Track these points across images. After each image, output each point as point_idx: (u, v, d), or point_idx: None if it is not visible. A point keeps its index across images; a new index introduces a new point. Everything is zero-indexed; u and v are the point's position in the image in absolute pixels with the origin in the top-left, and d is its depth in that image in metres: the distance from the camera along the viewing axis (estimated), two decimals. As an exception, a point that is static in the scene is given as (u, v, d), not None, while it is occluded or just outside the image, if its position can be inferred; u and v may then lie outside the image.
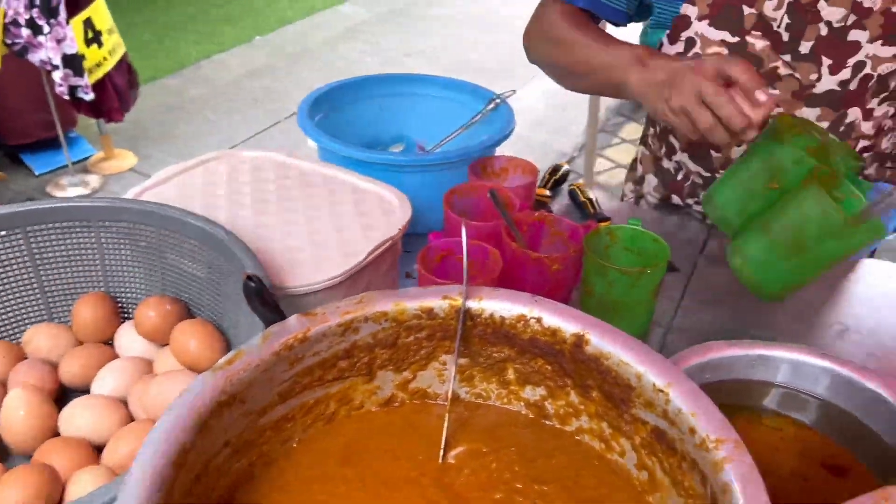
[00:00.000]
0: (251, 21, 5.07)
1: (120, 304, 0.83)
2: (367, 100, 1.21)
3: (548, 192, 1.18)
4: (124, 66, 2.90)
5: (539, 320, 0.62)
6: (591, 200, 1.14)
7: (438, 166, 1.01)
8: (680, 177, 1.13)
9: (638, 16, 1.04)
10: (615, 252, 0.88)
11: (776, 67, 0.93)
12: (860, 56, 0.90)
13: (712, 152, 1.04)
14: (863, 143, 0.99)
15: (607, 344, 0.59)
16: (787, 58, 0.92)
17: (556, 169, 1.22)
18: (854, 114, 0.96)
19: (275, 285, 0.75)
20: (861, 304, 0.95)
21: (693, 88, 0.74)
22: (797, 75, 0.93)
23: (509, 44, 4.98)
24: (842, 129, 0.97)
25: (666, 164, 1.15)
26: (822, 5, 0.88)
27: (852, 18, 0.88)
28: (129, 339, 0.79)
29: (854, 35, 0.89)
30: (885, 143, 1.01)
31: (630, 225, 0.88)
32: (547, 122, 4.02)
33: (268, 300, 0.58)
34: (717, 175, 1.06)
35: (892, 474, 0.63)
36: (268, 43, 4.80)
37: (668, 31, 0.97)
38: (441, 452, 0.62)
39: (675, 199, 1.16)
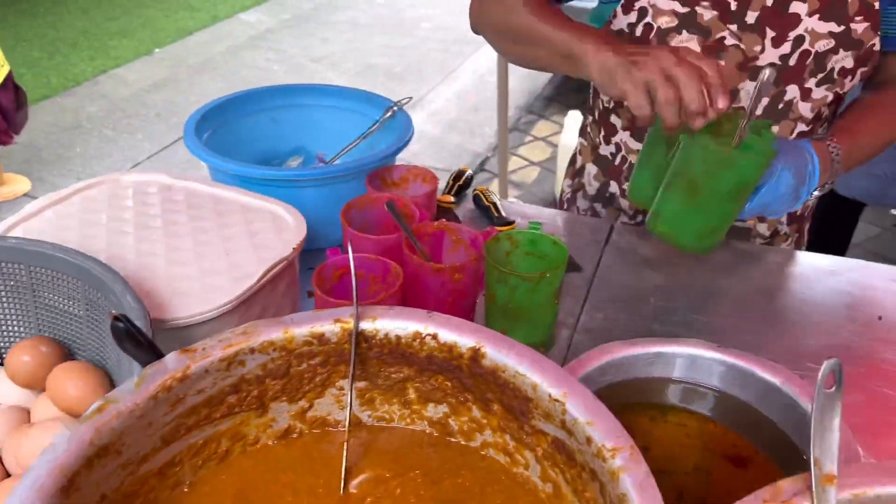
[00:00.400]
0: (149, 33, 4.89)
1: (-9, 350, 0.76)
2: (260, 113, 1.17)
3: (452, 199, 1.16)
4: (10, 85, 2.74)
5: (435, 336, 0.61)
6: (494, 204, 1.13)
7: (335, 179, 0.98)
8: (618, 161, 1.15)
9: None
10: (516, 257, 0.87)
11: (723, 37, 0.96)
12: (800, 30, 0.94)
13: None
14: (800, 128, 1.02)
15: (503, 356, 0.58)
16: (734, 27, 0.95)
17: (459, 174, 1.21)
18: (792, 91, 0.99)
19: (160, 318, 0.71)
20: (754, 292, 0.98)
21: (663, 64, 0.74)
22: (742, 46, 0.96)
23: (416, 47, 4.99)
24: (780, 106, 1.00)
25: (604, 150, 1.17)
26: None
27: None
28: (2, 388, 0.73)
29: (795, 7, 0.93)
30: (820, 131, 1.05)
31: (530, 229, 0.88)
32: (459, 124, 4.04)
33: (141, 340, 0.54)
34: None
35: (791, 462, 0.65)
36: (168, 55, 4.63)
37: (621, 2, 0.99)
38: (342, 482, 0.60)
39: (613, 185, 1.17)
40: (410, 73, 4.59)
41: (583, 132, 1.27)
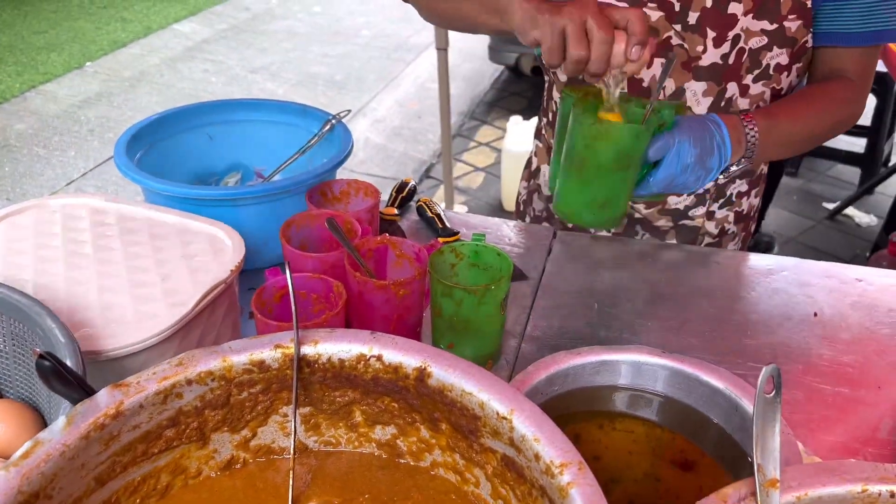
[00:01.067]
0: (79, 46, 4.74)
1: (-89, 391, 0.72)
2: (194, 130, 1.14)
3: (396, 211, 1.15)
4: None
5: (379, 358, 0.60)
6: (438, 216, 1.13)
7: (274, 196, 0.96)
8: None
9: None
10: (461, 269, 0.87)
11: (669, 37, 1.00)
12: (737, 29, 0.98)
13: None
14: None
15: (449, 375, 0.57)
16: (678, 27, 0.99)
17: (402, 186, 1.20)
18: (732, 88, 1.02)
19: (92, 351, 0.68)
20: (695, 294, 1.00)
21: (584, 15, 0.74)
22: (686, 46, 0.99)
23: (356, 55, 4.96)
24: (722, 103, 1.03)
25: None
26: None
27: None
28: (-78, 431, 0.69)
29: (732, 8, 0.97)
30: None
31: (473, 240, 0.88)
32: (403, 131, 4.03)
33: (69, 378, 0.52)
34: None
35: (737, 464, 0.66)
36: (101, 68, 4.50)
37: None
38: (289, 512, 0.58)
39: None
40: (351, 81, 4.57)
41: (538, 134, 1.28)
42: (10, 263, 0.80)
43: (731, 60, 1.00)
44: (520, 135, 3.09)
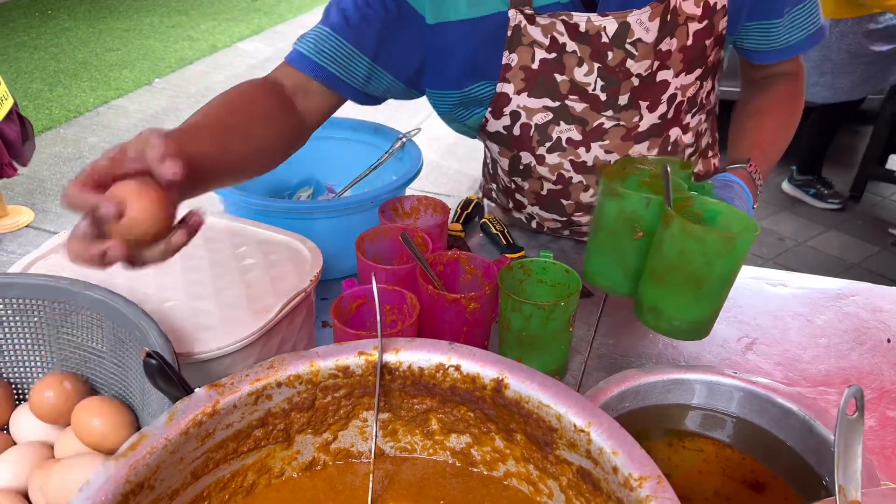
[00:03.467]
0: (149, 64, 4.94)
1: (13, 386, 0.77)
2: (271, 146, 1.19)
3: (461, 227, 1.18)
4: (14, 117, 2.76)
5: (458, 368, 0.62)
6: (502, 232, 1.15)
7: (348, 211, 1.00)
8: (534, 225, 1.15)
9: (380, 97, 1.01)
10: (530, 285, 0.89)
11: (601, 123, 0.96)
12: (671, 90, 0.95)
13: (562, 200, 1.06)
14: (688, 151, 1.06)
15: (526, 387, 0.59)
16: (609, 113, 0.95)
17: (467, 203, 1.23)
18: (675, 133, 1.01)
19: (182, 353, 0.72)
20: (763, 316, 0.99)
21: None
22: (622, 123, 0.96)
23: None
24: (669, 148, 1.02)
25: (517, 214, 1.17)
26: (629, 63, 0.91)
27: (657, 64, 0.92)
28: (25, 423, 0.74)
29: (661, 76, 0.93)
30: (703, 142, 1.09)
31: (541, 257, 0.89)
32: (457, 149, 4.07)
33: (171, 376, 0.55)
34: (573, 218, 1.09)
35: (808, 486, 0.65)
36: (168, 85, 4.68)
37: (489, 110, 0.98)
38: (368, 514, 0.61)
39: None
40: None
41: (487, 195, 1.26)
42: (105, 270, 0.84)
43: (670, 115, 0.98)
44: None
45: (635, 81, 0.92)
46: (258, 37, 5.62)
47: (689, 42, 0.91)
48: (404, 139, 1.14)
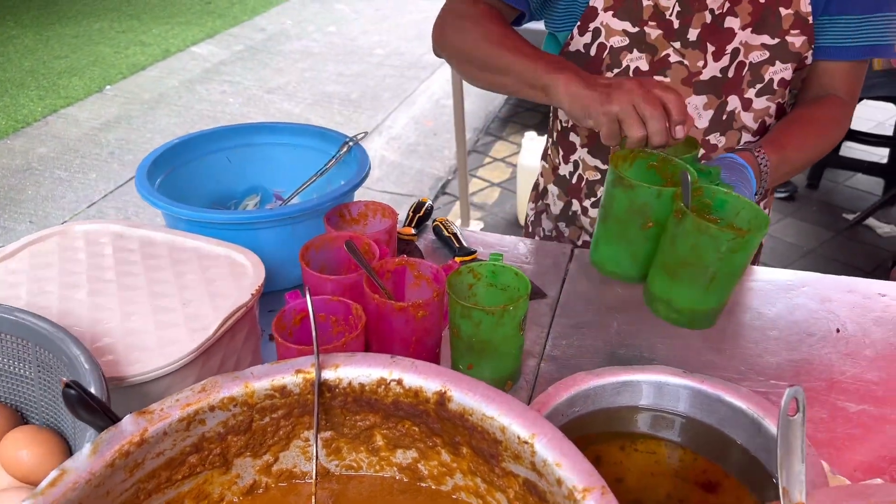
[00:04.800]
0: (99, 70, 4.82)
1: (-61, 418, 0.73)
2: (214, 154, 1.16)
3: (413, 231, 1.16)
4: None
5: (400, 382, 0.60)
6: (455, 235, 1.13)
7: (293, 219, 0.97)
8: (575, 180, 1.18)
9: (538, 13, 1.09)
10: (479, 290, 0.87)
11: (668, 55, 1.01)
12: (735, 43, 0.99)
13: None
14: (746, 137, 1.06)
15: (469, 399, 0.57)
16: (677, 45, 1.00)
17: (419, 206, 1.21)
18: (734, 102, 1.03)
19: (116, 377, 0.69)
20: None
21: (632, 98, 0.78)
22: (686, 62, 1.01)
23: (371, 74, 5.01)
24: (724, 117, 1.04)
25: (563, 170, 1.20)
26: None
27: (727, 6, 0.97)
28: (-50, 458, 0.70)
29: (729, 22, 0.98)
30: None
31: (491, 260, 0.88)
32: (418, 148, 4.05)
33: (95, 406, 0.52)
34: None
35: (760, 484, 0.65)
36: (120, 91, 4.57)
37: (577, 24, 1.04)
38: (311, 538, 0.59)
39: (575, 203, 1.19)
40: (366, 99, 4.60)
41: (544, 156, 1.29)
42: (34, 290, 0.81)
43: (730, 73, 1.01)
44: (535, 150, 3.09)
45: (707, 17, 0.98)
46: (212, 40, 5.52)
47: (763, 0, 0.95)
48: (351, 143, 1.12)
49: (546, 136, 1.28)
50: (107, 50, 5.19)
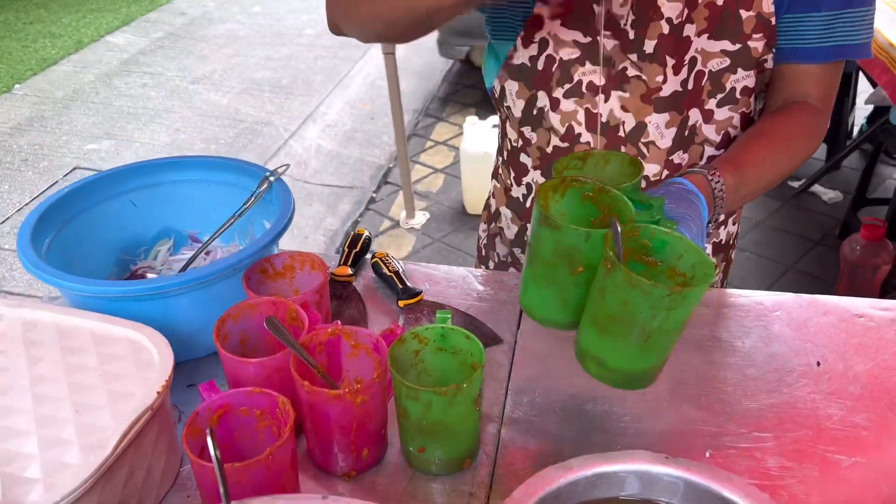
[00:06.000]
0: (6, 67, 4.48)
1: None
2: (115, 198, 1.01)
3: (350, 271, 1.04)
4: None
5: (335, 531, 0.49)
6: (396, 273, 1.02)
7: (208, 282, 0.84)
8: (529, 203, 1.08)
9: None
10: (427, 355, 0.76)
11: (625, 68, 0.91)
12: (692, 52, 0.89)
13: None
14: (709, 151, 0.96)
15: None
16: (634, 57, 0.90)
17: (355, 239, 1.09)
18: (695, 115, 0.93)
19: (-12, 527, 0.56)
20: (686, 347, 0.91)
21: None
22: (644, 77, 0.91)
23: (301, 56, 4.79)
24: (686, 133, 0.94)
25: (515, 192, 1.10)
26: (661, 1, 0.87)
27: (686, 13, 0.87)
28: None
29: (686, 30, 0.88)
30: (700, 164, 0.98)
31: (438, 321, 0.77)
32: (356, 135, 3.89)
33: None
34: None
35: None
36: (31, 90, 4.26)
37: (520, 35, 0.95)
38: None
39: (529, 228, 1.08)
40: (298, 84, 4.40)
41: (494, 174, 1.19)
42: None
43: (690, 85, 0.91)
44: (477, 135, 2.98)
45: (664, 27, 0.87)
46: (128, 28, 5.20)
47: (721, 2, 0.86)
48: (272, 178, 0.99)
49: (496, 154, 1.17)
50: (13, 44, 4.84)
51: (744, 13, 0.87)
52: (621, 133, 0.94)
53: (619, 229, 0.64)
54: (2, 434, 0.65)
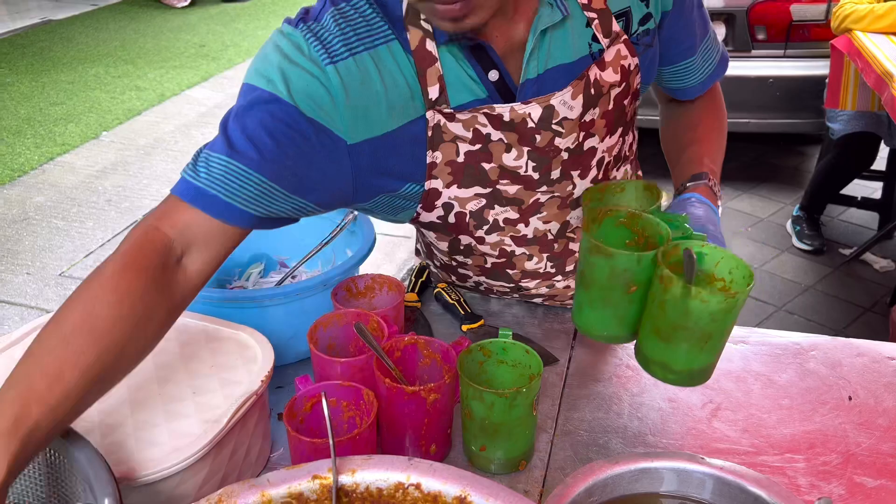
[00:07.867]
0: (96, 116, 4.84)
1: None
2: (218, 225, 1.15)
3: (417, 298, 1.16)
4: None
5: (418, 486, 0.59)
6: (458, 301, 1.13)
7: (299, 295, 0.97)
8: (483, 289, 1.11)
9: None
10: (490, 367, 0.87)
11: (537, 199, 0.94)
12: (598, 155, 0.94)
13: (507, 270, 1.03)
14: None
15: (490, 504, 0.57)
16: (543, 188, 0.93)
17: (421, 270, 1.20)
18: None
19: (128, 476, 0.68)
20: (726, 377, 0.99)
21: None
22: (557, 194, 0.95)
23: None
24: (600, 176, 0.99)
25: (462, 285, 1.13)
26: (557, 141, 0.89)
27: (583, 135, 0.91)
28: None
29: (588, 144, 0.92)
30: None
31: (500, 336, 0.88)
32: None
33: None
34: (521, 284, 1.05)
35: (782, 576, 0.64)
36: (117, 137, 4.59)
37: (420, 205, 0.92)
38: None
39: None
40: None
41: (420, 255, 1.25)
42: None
43: (600, 176, 0.97)
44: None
45: (565, 155, 0.91)
46: (206, 83, 5.56)
47: (611, 107, 0.91)
48: (355, 212, 1.12)
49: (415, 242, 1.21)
50: (102, 95, 5.22)
51: (625, 101, 0.93)
52: (550, 237, 0.99)
53: (694, 258, 0.74)
54: (134, 405, 0.77)
